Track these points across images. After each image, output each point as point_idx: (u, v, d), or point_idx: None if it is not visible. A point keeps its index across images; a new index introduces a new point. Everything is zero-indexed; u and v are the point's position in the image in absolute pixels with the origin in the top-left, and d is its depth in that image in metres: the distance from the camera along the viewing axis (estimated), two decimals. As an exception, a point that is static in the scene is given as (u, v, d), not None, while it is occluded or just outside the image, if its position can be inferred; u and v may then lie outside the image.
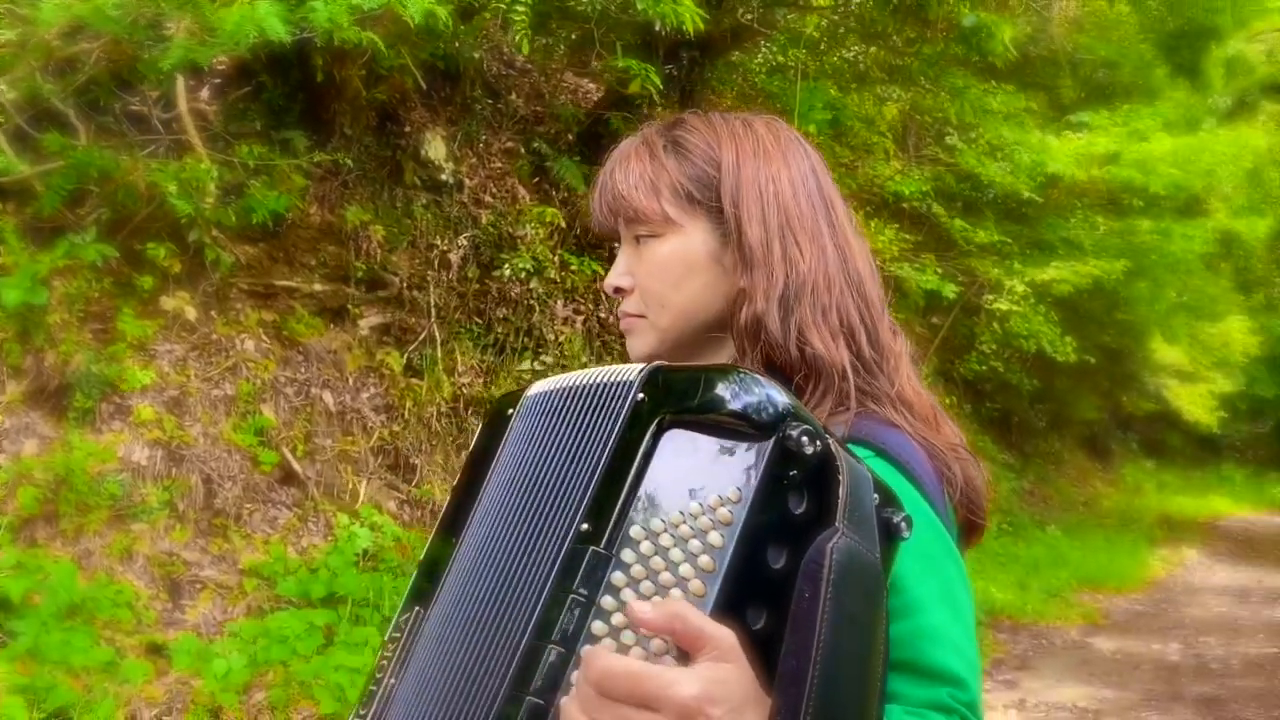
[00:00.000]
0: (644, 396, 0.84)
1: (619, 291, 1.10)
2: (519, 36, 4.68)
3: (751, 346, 1.02)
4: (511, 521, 0.89)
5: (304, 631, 4.21)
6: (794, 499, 0.78)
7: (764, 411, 0.80)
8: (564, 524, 0.82)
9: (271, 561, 4.65)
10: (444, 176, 6.28)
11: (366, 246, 5.79)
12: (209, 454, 4.84)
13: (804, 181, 1.07)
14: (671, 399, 0.83)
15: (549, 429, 0.91)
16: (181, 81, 4.83)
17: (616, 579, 0.76)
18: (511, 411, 0.98)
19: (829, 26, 7.73)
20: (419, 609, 0.95)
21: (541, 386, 0.97)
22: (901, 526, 0.83)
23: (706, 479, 0.79)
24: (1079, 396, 13.97)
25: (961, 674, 0.90)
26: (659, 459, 0.81)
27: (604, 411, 0.86)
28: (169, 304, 5.01)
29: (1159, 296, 11.77)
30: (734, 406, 0.81)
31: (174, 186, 4.60)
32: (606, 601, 0.76)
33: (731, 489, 0.78)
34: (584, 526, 0.80)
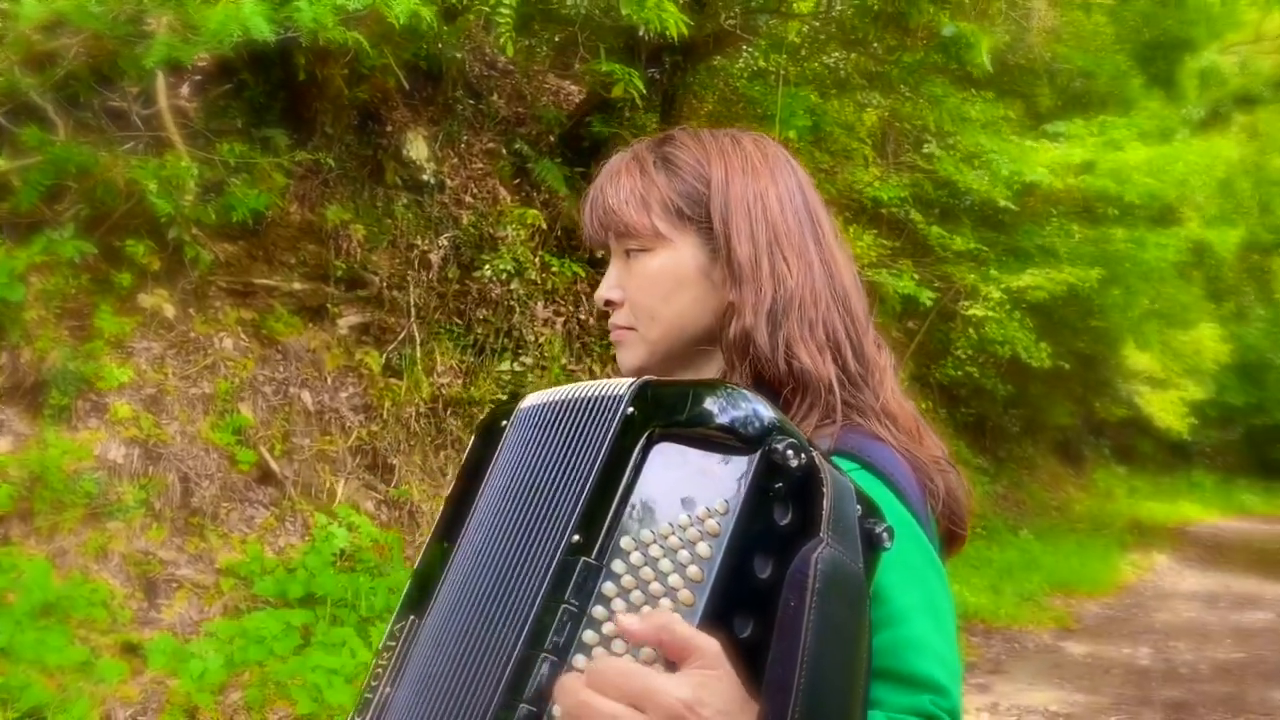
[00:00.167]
0: (634, 410, 0.86)
1: (609, 304, 1.12)
2: (503, 38, 4.69)
3: (740, 360, 1.04)
4: (505, 532, 0.91)
5: (281, 632, 4.19)
6: (779, 510, 0.80)
7: (750, 425, 0.81)
8: (556, 535, 0.84)
9: (248, 561, 4.63)
10: (425, 176, 6.27)
11: (346, 246, 5.78)
12: (186, 452, 4.82)
13: (791, 198, 1.09)
14: (661, 413, 0.85)
15: (542, 441, 0.93)
16: (162, 78, 4.81)
17: (607, 589, 0.78)
18: (505, 423, 1.00)
19: (810, 33, 7.78)
20: (414, 618, 0.96)
21: (535, 399, 0.98)
22: (883, 537, 0.85)
23: (695, 491, 0.81)
24: (1052, 402, 14.09)
25: (943, 682, 0.92)
26: (649, 471, 0.83)
27: (595, 425, 0.88)
28: (147, 301, 4.98)
29: (1132, 304, 11.89)
30: (721, 420, 0.82)
31: (153, 184, 4.58)
32: (597, 611, 0.78)
33: (719, 501, 0.79)
34: (575, 538, 0.82)
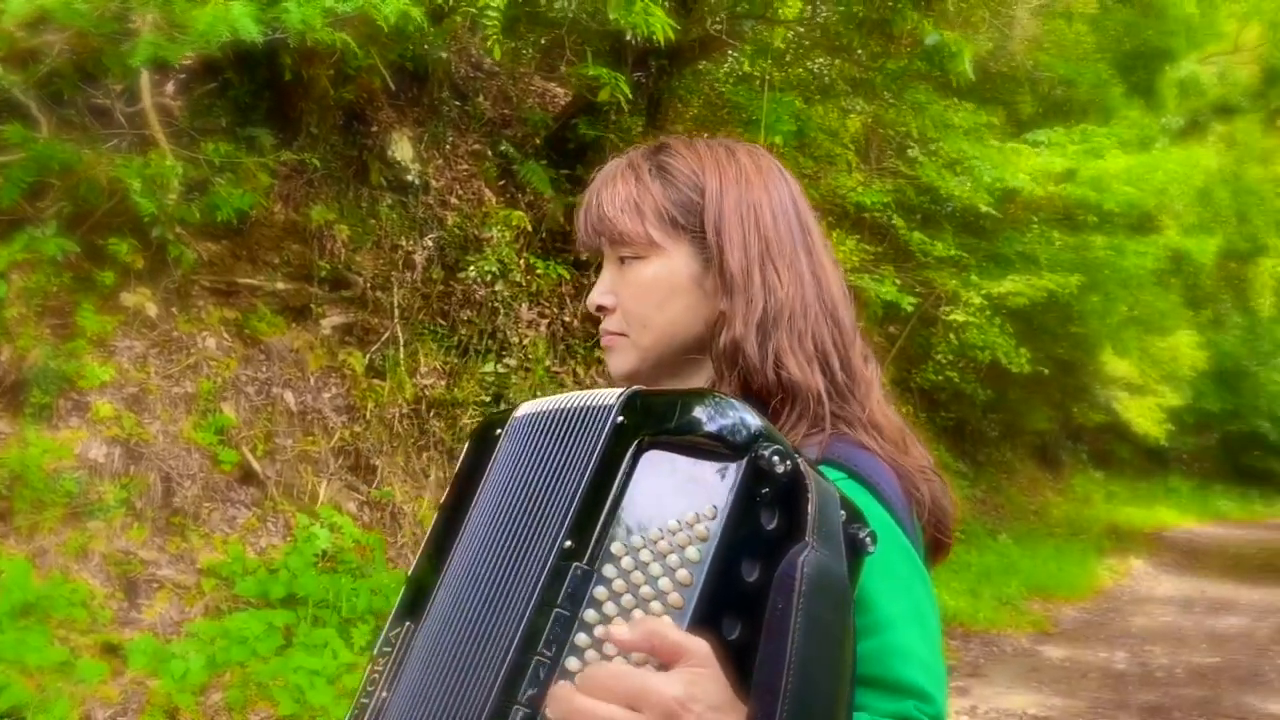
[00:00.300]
0: (624, 419, 0.88)
1: (602, 310, 1.13)
2: (490, 40, 4.70)
3: (729, 370, 1.05)
4: (499, 538, 0.92)
5: (263, 632, 4.19)
6: (766, 515, 0.82)
7: (738, 433, 0.83)
8: (548, 541, 0.86)
9: (230, 561, 4.62)
10: (410, 177, 6.27)
11: (331, 246, 5.77)
12: (168, 452, 4.80)
13: (784, 210, 1.10)
14: (650, 421, 0.87)
15: (534, 450, 0.95)
16: (146, 76, 4.79)
17: (599, 594, 0.81)
18: (499, 431, 1.02)
19: (795, 39, 7.82)
20: (409, 623, 0.98)
21: (528, 408, 1.00)
22: (866, 541, 0.87)
23: (684, 497, 0.83)
24: (1031, 407, 14.19)
25: (928, 688, 0.94)
26: (639, 478, 0.85)
27: (586, 434, 0.90)
28: (130, 300, 4.96)
29: (1111, 311, 11.98)
30: (710, 428, 0.84)
31: (137, 182, 4.56)
32: (589, 615, 0.80)
33: (707, 506, 0.81)
34: (567, 543, 0.84)
